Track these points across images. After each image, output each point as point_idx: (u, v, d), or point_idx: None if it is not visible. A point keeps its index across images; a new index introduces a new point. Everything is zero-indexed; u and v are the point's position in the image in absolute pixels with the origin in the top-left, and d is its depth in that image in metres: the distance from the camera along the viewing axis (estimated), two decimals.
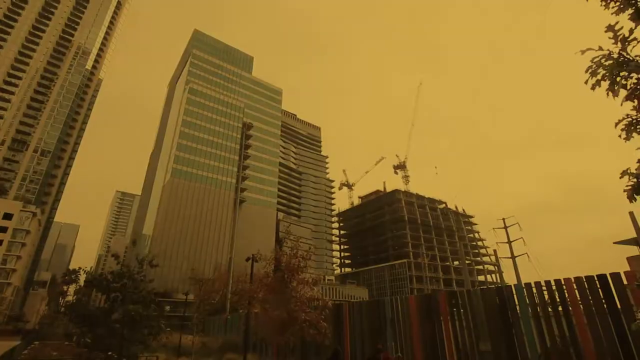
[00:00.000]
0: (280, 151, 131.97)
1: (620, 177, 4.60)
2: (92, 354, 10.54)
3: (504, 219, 49.88)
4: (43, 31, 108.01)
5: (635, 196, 4.51)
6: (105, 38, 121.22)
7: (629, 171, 4.57)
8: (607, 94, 4.56)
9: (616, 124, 4.63)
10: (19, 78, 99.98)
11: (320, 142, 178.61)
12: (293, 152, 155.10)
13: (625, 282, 9.96)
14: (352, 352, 16.97)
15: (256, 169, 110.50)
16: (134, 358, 11.66)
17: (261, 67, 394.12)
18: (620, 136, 4.62)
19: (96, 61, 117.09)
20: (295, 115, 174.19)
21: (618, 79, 4.50)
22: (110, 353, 10.79)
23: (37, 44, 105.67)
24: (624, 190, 4.56)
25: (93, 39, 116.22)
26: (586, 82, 4.68)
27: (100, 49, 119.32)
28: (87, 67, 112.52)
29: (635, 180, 4.49)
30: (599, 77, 4.59)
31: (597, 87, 4.64)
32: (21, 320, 70.66)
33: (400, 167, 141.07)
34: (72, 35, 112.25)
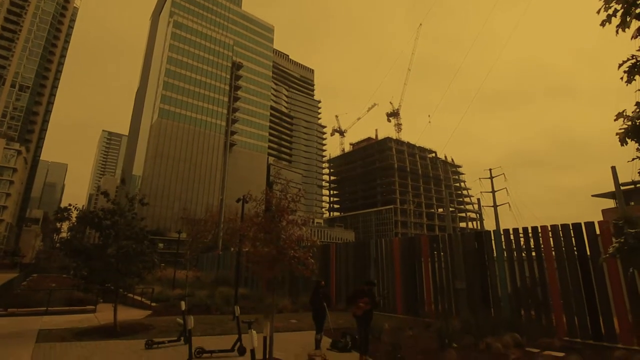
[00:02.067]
0: (272, 94, 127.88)
1: (615, 120, 4.51)
2: (89, 285, 11.03)
3: (490, 170, 50.90)
4: None
5: (627, 140, 4.47)
6: None
7: (624, 113, 4.49)
8: (617, 31, 4.32)
9: (619, 66, 4.45)
10: None
11: (313, 85, 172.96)
12: (285, 95, 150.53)
13: (598, 231, 10.52)
14: (338, 288, 18.18)
15: (246, 111, 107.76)
16: (131, 289, 12.30)
17: (251, 0, 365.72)
18: (622, 78, 4.46)
19: None
20: (288, 56, 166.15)
21: (632, 9, 4.23)
22: (107, 285, 11.28)
23: None
24: (617, 134, 4.50)
25: None
26: (598, 12, 4.42)
27: None
28: None
29: (629, 123, 4.42)
30: (610, 11, 4.32)
31: (608, 23, 4.39)
32: (17, 255, 72.59)
33: (394, 114, 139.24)
34: None
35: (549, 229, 11.39)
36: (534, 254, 11.63)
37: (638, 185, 32.69)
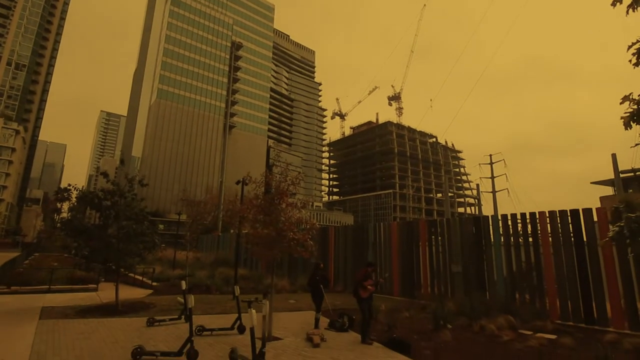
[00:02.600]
0: (272, 75, 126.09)
1: (621, 103, 4.46)
2: (90, 264, 11.16)
3: (490, 155, 50.90)
4: None
5: (632, 123, 4.44)
6: None
7: (631, 97, 4.43)
8: (627, 11, 4.23)
9: (628, 47, 4.38)
10: None
11: (313, 67, 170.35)
12: (285, 77, 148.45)
13: (595, 218, 10.57)
14: (336, 270, 18.44)
15: (246, 93, 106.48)
16: (131, 268, 12.46)
17: None
18: (630, 61, 4.39)
19: None
20: (289, 36, 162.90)
21: None
22: (109, 264, 11.41)
23: None
24: (621, 118, 4.47)
25: None
26: None
27: None
28: None
29: (635, 106, 4.38)
30: None
31: (619, 3, 4.30)
32: (19, 234, 73.19)
33: (395, 98, 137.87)
34: None
35: (547, 214, 11.46)
36: (530, 239, 11.74)
37: (638, 173, 32.72)
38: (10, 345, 7.10)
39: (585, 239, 10.64)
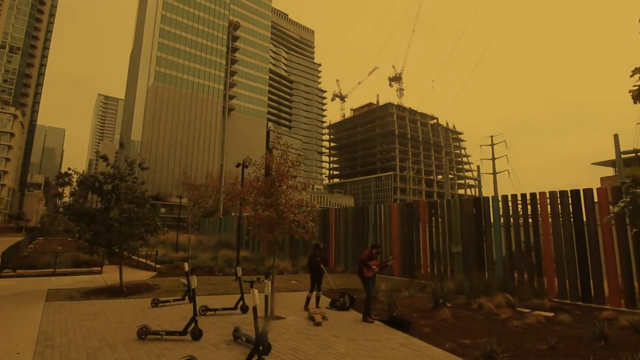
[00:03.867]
0: (271, 56, 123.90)
1: (631, 76, 4.36)
2: (93, 247, 11.26)
3: (491, 137, 50.62)
4: None
5: None
6: None
7: None
8: None
9: None
10: None
11: (313, 47, 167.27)
12: (284, 57, 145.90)
13: (596, 199, 10.57)
14: (337, 251, 18.64)
15: (245, 75, 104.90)
16: (135, 251, 12.60)
17: None
18: None
19: None
20: (287, 15, 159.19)
21: None
22: (112, 247, 11.51)
23: None
24: (630, 91, 4.38)
25: None
26: None
27: None
28: None
29: None
30: None
31: None
32: (22, 219, 73.75)
33: (396, 79, 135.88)
34: None
35: (547, 195, 11.46)
36: (530, 220, 11.79)
37: (639, 154, 32.56)
38: (18, 326, 7.25)
39: (585, 219, 10.68)
